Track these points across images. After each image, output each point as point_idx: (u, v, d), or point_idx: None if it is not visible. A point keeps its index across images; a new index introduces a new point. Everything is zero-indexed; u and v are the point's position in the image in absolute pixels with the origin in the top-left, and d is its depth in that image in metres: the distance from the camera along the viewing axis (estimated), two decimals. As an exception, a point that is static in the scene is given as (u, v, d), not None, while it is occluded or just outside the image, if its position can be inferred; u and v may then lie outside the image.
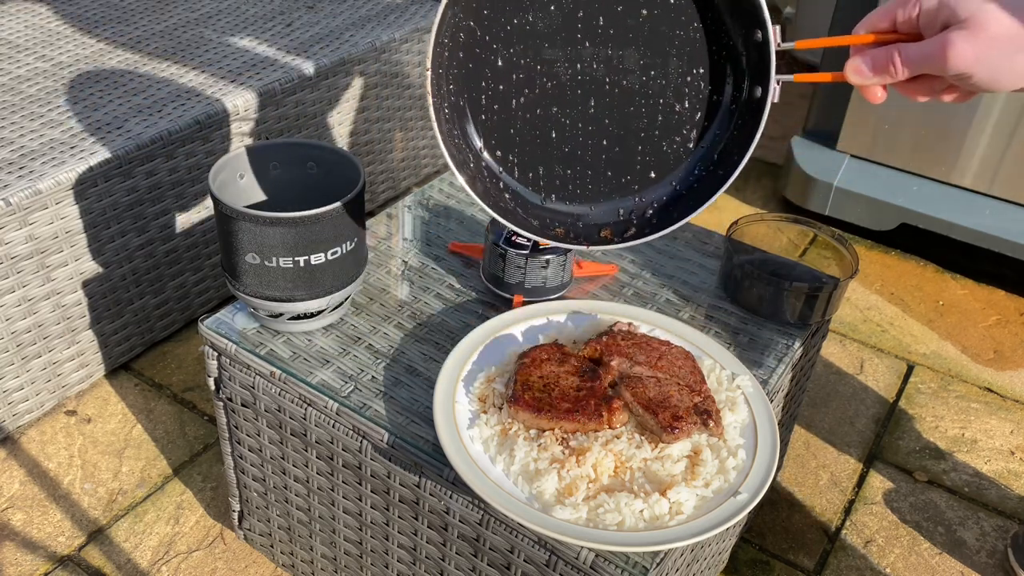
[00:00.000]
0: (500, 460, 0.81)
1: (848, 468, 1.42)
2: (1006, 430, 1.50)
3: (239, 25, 1.77)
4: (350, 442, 0.92)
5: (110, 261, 1.40)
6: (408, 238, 1.17)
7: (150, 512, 1.28)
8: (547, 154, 0.76)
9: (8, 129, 1.37)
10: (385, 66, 1.79)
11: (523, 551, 0.82)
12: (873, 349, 1.67)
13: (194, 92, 1.51)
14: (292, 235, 0.90)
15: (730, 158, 0.73)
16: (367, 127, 1.82)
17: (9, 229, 1.24)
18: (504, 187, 0.76)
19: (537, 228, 0.74)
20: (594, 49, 0.73)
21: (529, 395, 0.83)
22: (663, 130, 0.75)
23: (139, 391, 1.48)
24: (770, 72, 0.70)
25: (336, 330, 1.00)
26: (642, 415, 0.83)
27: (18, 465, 1.33)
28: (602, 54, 0.73)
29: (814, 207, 1.98)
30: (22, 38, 1.66)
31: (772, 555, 1.27)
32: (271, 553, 1.19)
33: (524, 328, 0.97)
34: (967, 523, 1.33)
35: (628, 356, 0.88)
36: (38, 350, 1.36)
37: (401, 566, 0.98)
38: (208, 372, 1.02)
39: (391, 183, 1.97)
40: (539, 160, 0.76)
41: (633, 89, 0.74)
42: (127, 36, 1.69)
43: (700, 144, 0.76)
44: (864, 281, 1.86)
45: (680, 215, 0.74)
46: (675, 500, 0.78)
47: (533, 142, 0.75)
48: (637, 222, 0.76)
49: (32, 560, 1.20)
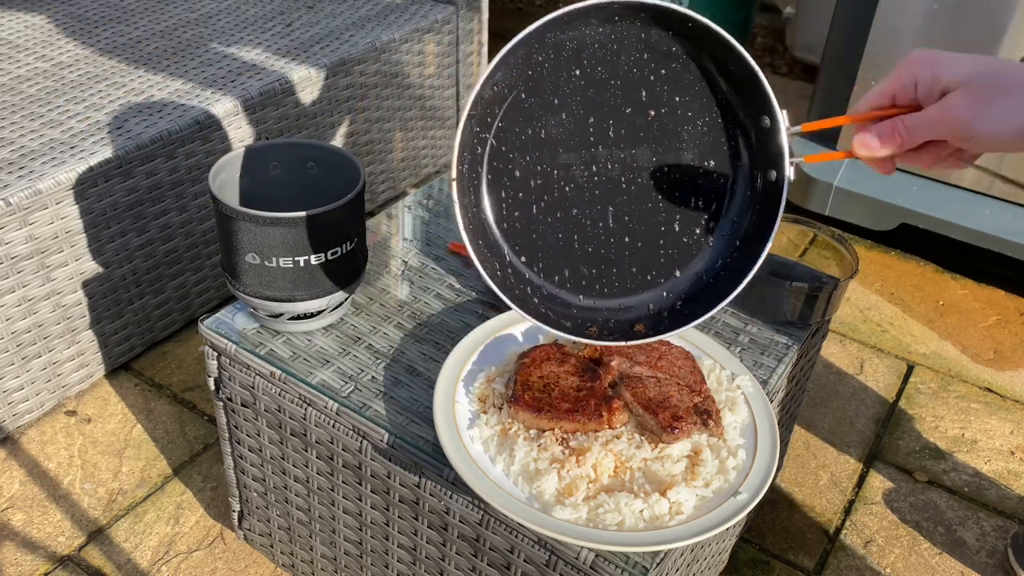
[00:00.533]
0: (500, 460, 0.81)
1: (848, 468, 1.42)
2: (1006, 430, 1.50)
3: (239, 25, 1.77)
4: (350, 442, 0.92)
5: (110, 261, 1.40)
6: (408, 238, 1.17)
7: (150, 512, 1.28)
8: (571, 255, 0.77)
9: (8, 129, 1.37)
10: (385, 66, 1.79)
11: (523, 551, 0.82)
12: (873, 349, 1.67)
13: (194, 92, 1.51)
14: (292, 235, 0.90)
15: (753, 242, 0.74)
16: (367, 127, 1.82)
17: (9, 229, 1.24)
18: (532, 291, 0.76)
19: (570, 328, 0.75)
20: (607, 151, 0.75)
21: (529, 395, 0.83)
22: (683, 223, 0.77)
23: (139, 391, 1.48)
24: (783, 156, 0.70)
25: (336, 330, 1.00)
26: (642, 415, 0.83)
27: (18, 465, 1.33)
28: (615, 155, 0.75)
29: (814, 207, 1.98)
30: (22, 38, 1.66)
31: (772, 555, 1.27)
32: (271, 553, 1.19)
33: (524, 328, 0.97)
34: (967, 523, 1.33)
35: (628, 356, 0.88)
36: (38, 350, 1.36)
37: (401, 566, 0.98)
38: (208, 372, 1.02)
39: (391, 183, 1.97)
40: (564, 262, 0.77)
41: (649, 186, 0.76)
42: (127, 36, 1.69)
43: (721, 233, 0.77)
44: (864, 281, 1.86)
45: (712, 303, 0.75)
46: (675, 500, 0.78)
47: (556, 245, 0.77)
48: (668, 315, 0.77)
49: (32, 560, 1.20)
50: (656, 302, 0.78)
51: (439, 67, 1.95)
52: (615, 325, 0.77)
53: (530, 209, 0.76)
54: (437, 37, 1.90)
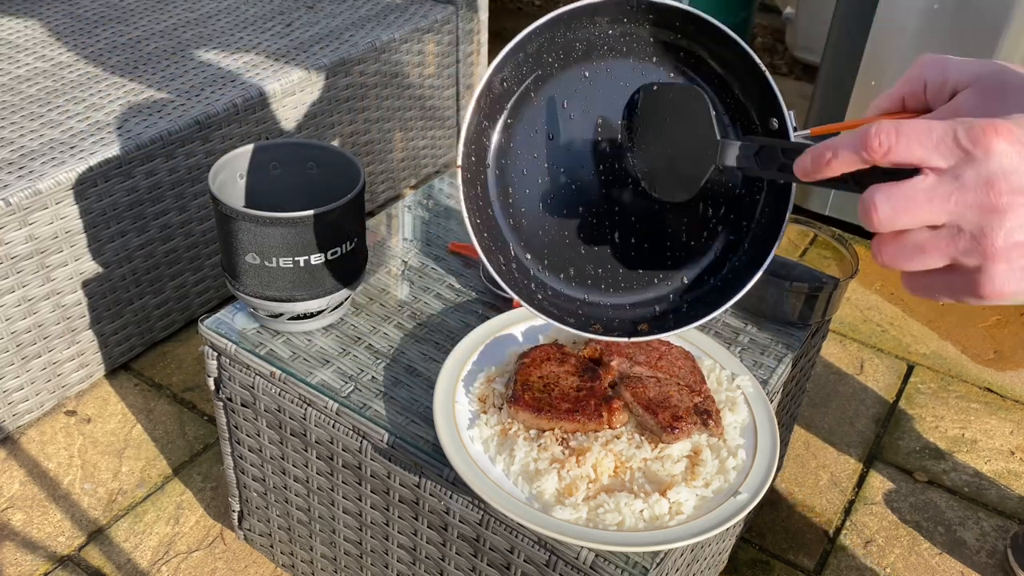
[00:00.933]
0: (500, 460, 0.81)
1: (848, 468, 1.41)
2: (1006, 430, 1.50)
3: (239, 25, 1.77)
4: (350, 442, 0.92)
5: (110, 261, 1.40)
6: (408, 238, 1.17)
7: (150, 512, 1.28)
8: (576, 253, 0.77)
9: (8, 129, 1.37)
10: (385, 66, 1.79)
11: (523, 551, 0.82)
12: (873, 349, 1.67)
13: (194, 92, 1.51)
14: (292, 235, 0.89)
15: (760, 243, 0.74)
16: (367, 127, 1.82)
17: (9, 229, 1.24)
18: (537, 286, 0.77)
19: (574, 324, 0.75)
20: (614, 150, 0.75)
21: (529, 395, 0.83)
22: (689, 224, 0.77)
23: (139, 391, 1.48)
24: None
25: (336, 330, 1.00)
26: (642, 415, 0.83)
27: (18, 465, 1.33)
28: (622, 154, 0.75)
29: (814, 207, 1.98)
30: (22, 38, 1.66)
31: (772, 555, 1.27)
32: (271, 553, 1.19)
33: (524, 328, 0.97)
34: (967, 523, 1.33)
35: (628, 356, 0.88)
36: (38, 350, 1.36)
37: (401, 566, 0.98)
38: (208, 372, 1.02)
39: (391, 183, 1.97)
40: (569, 259, 0.77)
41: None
42: (127, 36, 1.69)
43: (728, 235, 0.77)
44: (864, 281, 1.86)
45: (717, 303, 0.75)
46: (675, 500, 0.78)
47: (562, 242, 0.77)
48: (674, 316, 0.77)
49: (32, 560, 1.20)
50: (661, 303, 0.78)
51: (439, 67, 1.95)
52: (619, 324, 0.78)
53: (536, 205, 0.76)
54: (437, 37, 1.90)
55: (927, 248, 0.45)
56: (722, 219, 0.77)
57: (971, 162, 0.43)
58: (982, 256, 0.44)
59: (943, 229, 0.45)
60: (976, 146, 0.43)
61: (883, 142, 0.46)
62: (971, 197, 0.43)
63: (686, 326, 0.75)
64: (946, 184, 0.44)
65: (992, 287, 0.44)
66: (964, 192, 0.43)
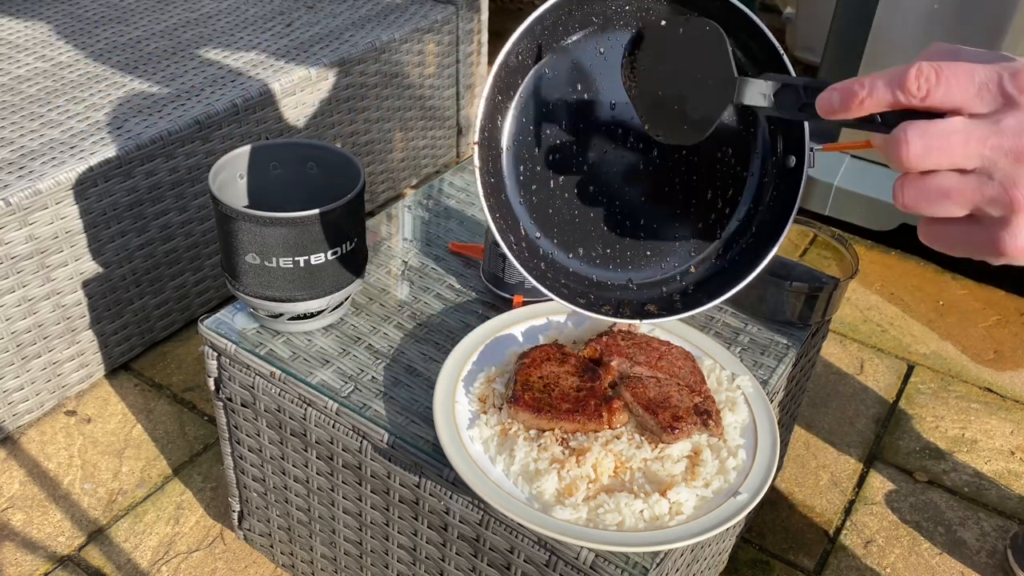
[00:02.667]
0: (500, 460, 0.81)
1: (848, 468, 1.41)
2: (1006, 430, 1.50)
3: (239, 25, 1.77)
4: (350, 442, 0.92)
5: (110, 261, 1.40)
6: (408, 238, 1.17)
7: (150, 512, 1.28)
8: (587, 233, 0.78)
9: (8, 129, 1.37)
10: (385, 66, 1.79)
11: (523, 551, 0.82)
12: (873, 349, 1.67)
13: (194, 92, 1.51)
14: (292, 235, 0.89)
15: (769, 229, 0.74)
16: (367, 127, 1.82)
17: (9, 229, 1.24)
18: (547, 266, 0.77)
19: (584, 305, 0.76)
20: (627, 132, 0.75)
21: (529, 395, 0.83)
22: (700, 208, 0.77)
23: (139, 391, 1.48)
24: (804, 142, 0.70)
25: (336, 330, 1.00)
26: (642, 415, 0.83)
27: (18, 465, 1.33)
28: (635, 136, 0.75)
29: (814, 207, 1.98)
30: (22, 38, 1.66)
31: (772, 555, 1.27)
32: (271, 553, 1.19)
33: (524, 328, 0.97)
34: (967, 523, 1.33)
35: (628, 356, 0.88)
36: (38, 350, 1.36)
37: (401, 566, 0.98)
38: (208, 372, 1.02)
39: (391, 183, 1.97)
40: (579, 240, 0.78)
41: (668, 169, 0.76)
42: (127, 36, 1.69)
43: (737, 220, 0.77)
44: (864, 281, 1.86)
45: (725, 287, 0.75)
46: (675, 500, 0.78)
47: (572, 222, 0.77)
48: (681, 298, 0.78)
49: (32, 560, 1.20)
50: (669, 287, 0.78)
51: (439, 67, 1.95)
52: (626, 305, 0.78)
53: (548, 184, 0.76)
54: (437, 37, 1.90)
55: (952, 193, 0.43)
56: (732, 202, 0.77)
57: (1013, 109, 0.41)
58: (1008, 207, 0.41)
59: (972, 175, 0.42)
60: (1022, 93, 0.41)
61: (922, 85, 0.43)
62: (1008, 143, 0.41)
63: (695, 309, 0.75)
64: (984, 127, 0.42)
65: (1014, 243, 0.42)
66: (1002, 137, 0.41)
